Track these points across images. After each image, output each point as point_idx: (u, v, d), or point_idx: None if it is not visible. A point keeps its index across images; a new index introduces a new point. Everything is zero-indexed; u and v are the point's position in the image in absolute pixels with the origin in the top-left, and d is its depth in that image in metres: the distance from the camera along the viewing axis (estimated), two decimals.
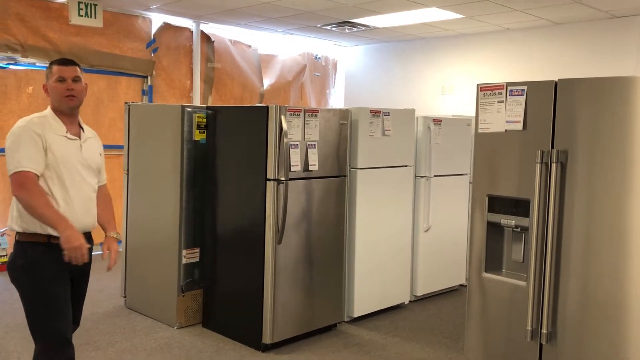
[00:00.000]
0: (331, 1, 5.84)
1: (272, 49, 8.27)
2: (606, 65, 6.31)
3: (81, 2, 6.05)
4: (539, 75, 6.72)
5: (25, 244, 2.52)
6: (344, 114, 4.32)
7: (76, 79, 2.63)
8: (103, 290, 5.19)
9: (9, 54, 5.94)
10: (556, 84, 2.51)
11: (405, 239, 4.94)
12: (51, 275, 2.51)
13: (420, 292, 5.15)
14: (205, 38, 7.50)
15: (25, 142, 2.49)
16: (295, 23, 7.09)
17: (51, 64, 2.67)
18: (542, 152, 2.49)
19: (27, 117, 2.63)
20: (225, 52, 7.74)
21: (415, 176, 5.02)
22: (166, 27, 7.12)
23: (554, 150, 2.47)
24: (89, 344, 4.01)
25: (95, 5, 6.13)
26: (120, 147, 5.46)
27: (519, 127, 2.59)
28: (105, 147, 6.55)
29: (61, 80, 2.60)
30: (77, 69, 2.66)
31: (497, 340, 2.72)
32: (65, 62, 2.67)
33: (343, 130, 4.29)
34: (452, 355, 3.95)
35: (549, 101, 2.51)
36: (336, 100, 9.25)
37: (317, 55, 8.89)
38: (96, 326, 4.36)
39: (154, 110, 4.75)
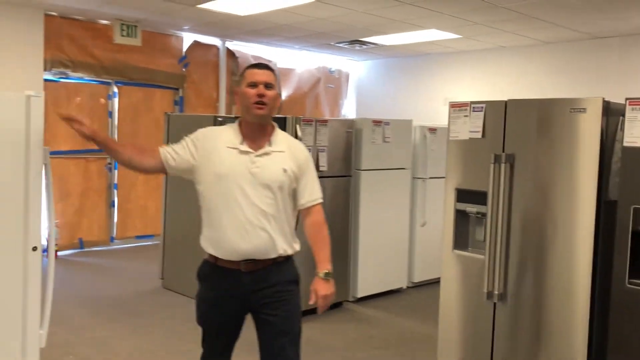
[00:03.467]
0: (342, 24, 6.63)
1: (290, 63, 9.08)
2: (588, 80, 7.01)
3: (123, 24, 6.92)
4: (530, 89, 7.45)
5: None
6: (349, 123, 5.11)
7: (269, 86, 2.33)
8: (140, 274, 6.03)
9: (61, 69, 6.82)
10: (506, 103, 3.27)
11: (403, 232, 5.70)
12: None
13: (416, 279, 5.89)
14: (230, 54, 8.35)
15: (184, 139, 2.41)
16: (311, 41, 7.90)
17: (245, 68, 2.42)
18: (495, 155, 3.25)
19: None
20: None
21: (413, 177, 5.78)
22: (196, 44, 7.98)
23: (504, 154, 3.23)
24: (134, 313, 4.82)
25: (135, 26, 7.00)
26: None
27: (479, 135, 3.35)
28: None
29: (252, 85, 2.32)
30: (272, 75, 2.37)
31: (464, 302, 3.46)
32: (259, 65, 2.40)
33: (349, 137, 5.08)
34: None
35: (501, 116, 3.27)
36: (348, 110, 10.04)
37: (331, 68, 9.70)
38: (140, 300, 5.18)
39: (190, 120, 5.58)
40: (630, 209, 2.80)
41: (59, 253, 6.73)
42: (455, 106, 3.48)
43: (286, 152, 2.38)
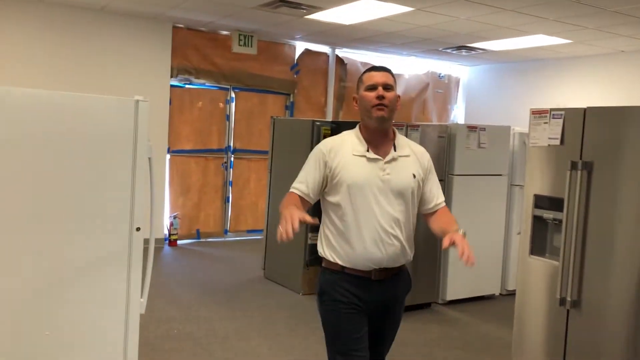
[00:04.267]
0: (445, 30, 6.72)
1: (398, 69, 9.27)
2: None
3: (241, 34, 7.52)
4: None
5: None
6: (442, 128, 5.22)
7: (388, 87, 2.26)
8: (245, 264, 6.54)
9: (186, 76, 7.56)
10: (585, 110, 3.25)
11: (497, 239, 5.68)
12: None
13: (511, 287, 5.83)
14: (339, 61, 8.72)
15: (308, 163, 2.37)
16: (417, 47, 8.04)
17: (363, 72, 2.37)
18: (572, 162, 3.24)
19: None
20: (356, 72, 8.88)
21: (510, 184, 5.74)
22: (307, 52, 8.44)
23: (581, 161, 3.22)
24: (236, 298, 5.29)
25: (252, 36, 7.57)
26: (266, 153, 6.77)
27: (557, 142, 3.35)
28: (255, 152, 8.04)
29: (371, 88, 2.27)
30: (390, 76, 2.31)
31: (538, 307, 3.48)
32: (376, 68, 2.35)
33: (441, 142, 5.19)
34: None
35: (580, 124, 3.26)
36: (458, 115, 10.01)
37: (440, 74, 9.74)
38: (243, 288, 5.66)
39: (292, 123, 6.00)
40: None
41: (179, 242, 7.47)
42: (536, 113, 3.51)
43: (411, 157, 2.35)
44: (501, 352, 4.31)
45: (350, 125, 2.44)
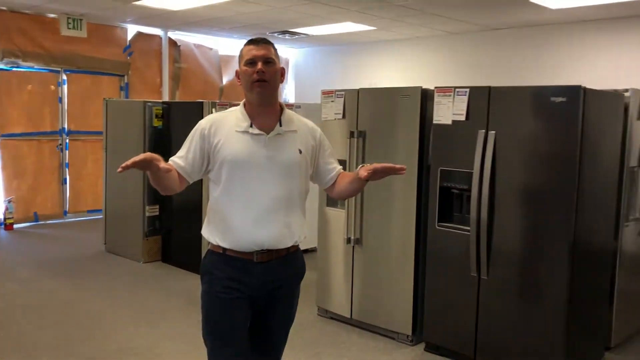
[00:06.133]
0: (267, 17, 7.44)
1: (231, 50, 9.84)
2: (485, 68, 7.97)
3: (69, 17, 7.60)
4: (445, 76, 8.37)
5: None
6: None
7: (268, 61, 2.14)
8: (87, 241, 6.83)
9: (12, 59, 7.50)
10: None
11: None
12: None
13: None
14: (173, 43, 9.09)
15: (188, 138, 2.24)
16: (247, 31, 8.68)
17: (243, 46, 2.20)
18: (350, 132, 4.12)
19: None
20: (189, 54, 9.34)
21: None
22: (139, 35, 8.71)
23: (357, 130, 4.13)
24: (79, 270, 5.64)
25: (81, 20, 7.69)
26: (101, 133, 7.01)
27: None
28: (91, 133, 8.17)
29: (250, 62, 2.14)
30: (271, 48, 2.18)
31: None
32: (255, 41, 2.19)
33: None
34: None
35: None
36: (289, 93, 10.87)
37: None
38: (84, 262, 6.00)
39: (124, 104, 6.37)
40: (438, 170, 3.73)
41: (15, 226, 7.48)
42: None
43: (299, 132, 2.24)
44: None
45: (183, 106, 2.62)
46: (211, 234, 2.21)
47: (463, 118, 3.59)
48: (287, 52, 10.65)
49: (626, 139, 3.87)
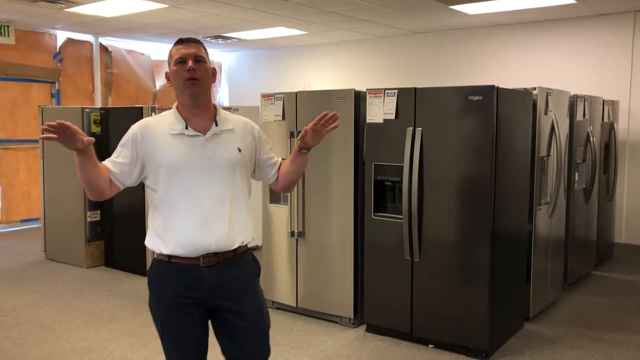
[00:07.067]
0: (200, 23, 7.59)
1: (163, 55, 9.87)
2: (408, 71, 8.46)
3: None
4: (373, 78, 8.78)
5: None
6: None
7: (199, 59, 2.12)
8: (25, 250, 6.76)
9: None
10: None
11: None
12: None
13: None
14: (104, 49, 9.06)
15: (120, 142, 2.19)
16: (177, 37, 8.71)
17: (172, 46, 2.18)
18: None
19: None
20: (121, 59, 9.33)
21: None
22: (69, 41, 8.63)
23: (297, 130, 4.41)
24: (22, 280, 5.62)
25: (8, 26, 7.57)
26: (36, 141, 6.97)
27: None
28: (22, 141, 8.05)
29: (180, 61, 2.11)
30: (200, 47, 2.16)
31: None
32: (184, 40, 2.16)
33: None
34: None
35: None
36: (223, 97, 11.01)
37: None
38: (26, 270, 5.96)
39: (61, 111, 6.36)
40: (372, 165, 4.07)
41: None
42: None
43: (236, 130, 2.21)
44: None
45: (122, 111, 2.77)
46: (154, 243, 2.16)
47: (393, 117, 3.95)
48: (220, 56, 10.80)
49: (536, 132, 4.35)
